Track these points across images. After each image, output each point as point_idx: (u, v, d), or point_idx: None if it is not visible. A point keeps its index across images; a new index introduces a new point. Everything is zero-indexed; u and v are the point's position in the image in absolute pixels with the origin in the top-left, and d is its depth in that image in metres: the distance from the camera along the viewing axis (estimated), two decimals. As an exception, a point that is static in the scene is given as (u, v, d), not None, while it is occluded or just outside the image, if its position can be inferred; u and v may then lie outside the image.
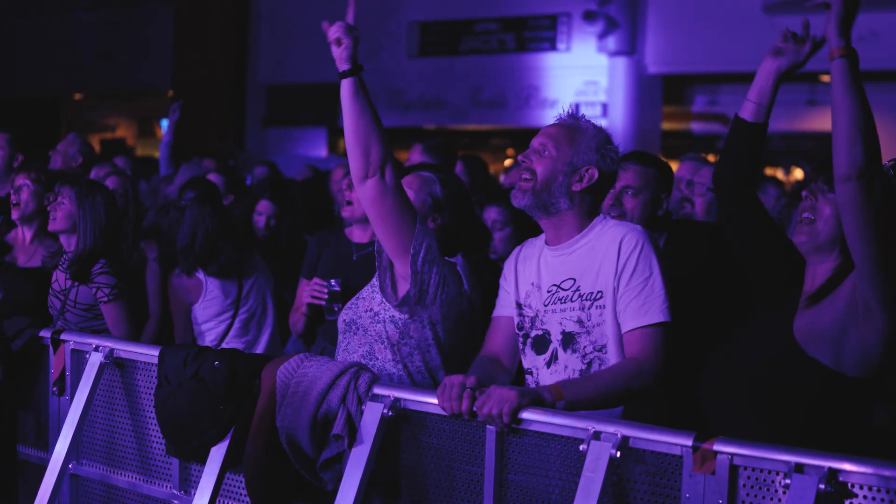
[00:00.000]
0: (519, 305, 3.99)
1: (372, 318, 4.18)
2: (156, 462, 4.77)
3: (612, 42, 18.65)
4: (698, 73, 19.65)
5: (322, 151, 23.65)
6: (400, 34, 21.43)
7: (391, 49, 20.88)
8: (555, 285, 3.87)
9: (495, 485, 3.65)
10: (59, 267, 5.77)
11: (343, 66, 3.94)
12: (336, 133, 24.07)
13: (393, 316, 4.13)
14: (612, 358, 3.75)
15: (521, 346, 3.99)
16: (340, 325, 4.33)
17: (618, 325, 3.74)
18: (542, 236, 4.02)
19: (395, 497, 3.96)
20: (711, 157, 15.64)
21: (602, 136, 3.90)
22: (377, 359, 4.14)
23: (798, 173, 19.52)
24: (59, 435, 4.90)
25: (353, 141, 3.96)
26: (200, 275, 5.92)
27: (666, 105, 20.25)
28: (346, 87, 3.94)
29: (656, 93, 19.54)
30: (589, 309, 3.77)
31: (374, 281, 4.26)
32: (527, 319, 3.95)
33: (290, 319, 5.55)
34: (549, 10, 20.03)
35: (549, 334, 3.86)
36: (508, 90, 20.72)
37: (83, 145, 8.09)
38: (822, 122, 17.72)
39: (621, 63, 18.88)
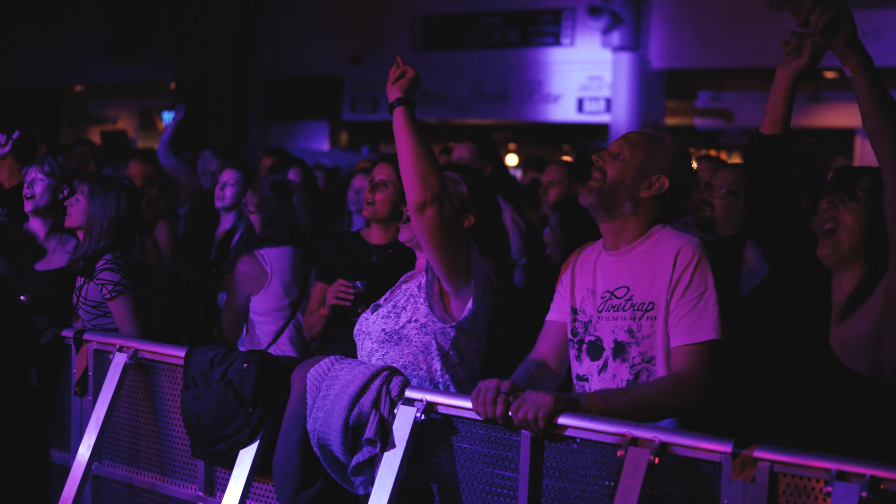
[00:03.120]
0: (574, 311, 3.90)
1: (419, 330, 4.06)
2: (180, 464, 4.76)
3: (616, 37, 18.62)
4: (702, 68, 19.63)
5: (324, 145, 23.62)
6: (403, 28, 21.39)
7: (394, 42, 20.82)
8: (608, 292, 3.79)
9: (530, 490, 3.63)
10: None
11: (397, 94, 3.88)
12: (337, 127, 24.04)
13: (443, 328, 4.04)
14: (660, 370, 3.68)
15: (575, 352, 3.90)
16: (378, 335, 4.14)
17: (667, 338, 3.67)
18: (601, 241, 3.94)
19: (428, 502, 3.93)
20: (714, 153, 15.67)
21: (681, 151, 3.84)
22: (421, 369, 4.06)
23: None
24: (81, 436, 4.89)
25: (409, 168, 3.84)
26: (268, 266, 5.77)
27: (669, 100, 20.24)
28: (399, 114, 3.86)
29: (660, 88, 19.50)
30: (640, 319, 3.70)
31: (415, 291, 4.13)
32: (580, 325, 3.87)
33: (305, 323, 5.48)
34: (553, 4, 20.00)
35: (602, 341, 3.79)
36: (511, 85, 20.68)
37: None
38: (825, 118, 17.72)
39: (625, 58, 18.84)
